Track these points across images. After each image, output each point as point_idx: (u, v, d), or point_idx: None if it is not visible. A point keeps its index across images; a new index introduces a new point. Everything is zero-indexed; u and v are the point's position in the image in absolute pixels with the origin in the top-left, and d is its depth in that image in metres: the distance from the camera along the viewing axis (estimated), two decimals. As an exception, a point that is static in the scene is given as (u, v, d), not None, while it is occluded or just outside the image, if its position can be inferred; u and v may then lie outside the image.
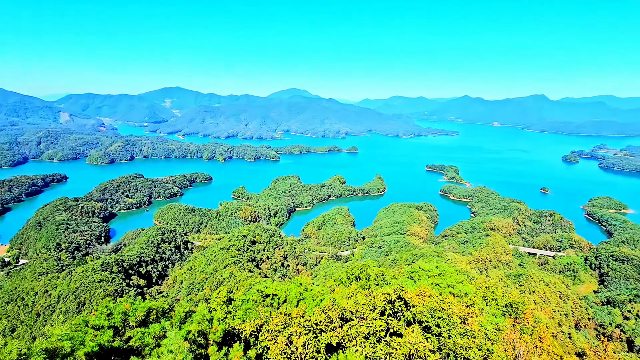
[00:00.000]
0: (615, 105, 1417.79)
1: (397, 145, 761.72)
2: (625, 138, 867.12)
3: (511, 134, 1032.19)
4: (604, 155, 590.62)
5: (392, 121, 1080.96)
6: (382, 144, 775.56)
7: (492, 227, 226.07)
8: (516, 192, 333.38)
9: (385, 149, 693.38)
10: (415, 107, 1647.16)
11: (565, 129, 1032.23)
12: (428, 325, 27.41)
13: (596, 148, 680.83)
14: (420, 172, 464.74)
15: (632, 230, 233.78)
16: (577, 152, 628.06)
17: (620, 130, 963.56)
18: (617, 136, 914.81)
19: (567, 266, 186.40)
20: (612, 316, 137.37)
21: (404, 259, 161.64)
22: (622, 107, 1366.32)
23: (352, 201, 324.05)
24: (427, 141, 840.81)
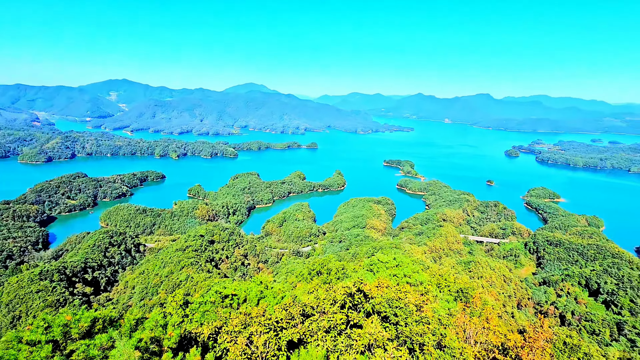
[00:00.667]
0: (549, 104, 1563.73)
1: (355, 141, 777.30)
2: (557, 134, 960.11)
3: (461, 130, 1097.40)
4: (540, 150, 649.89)
5: (350, 117, 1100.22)
6: (341, 139, 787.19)
7: (445, 218, 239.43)
8: (466, 185, 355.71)
9: (345, 144, 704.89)
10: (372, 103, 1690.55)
11: (507, 126, 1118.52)
12: (386, 315, 28.25)
13: (533, 143, 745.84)
14: (378, 167, 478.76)
15: (564, 217, 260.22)
16: (517, 147, 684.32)
17: (553, 127, 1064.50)
18: (551, 132, 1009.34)
19: (510, 252, 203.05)
20: (548, 295, 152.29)
21: (364, 252, 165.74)
22: (554, 106, 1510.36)
23: (313, 197, 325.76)
24: (384, 137, 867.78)
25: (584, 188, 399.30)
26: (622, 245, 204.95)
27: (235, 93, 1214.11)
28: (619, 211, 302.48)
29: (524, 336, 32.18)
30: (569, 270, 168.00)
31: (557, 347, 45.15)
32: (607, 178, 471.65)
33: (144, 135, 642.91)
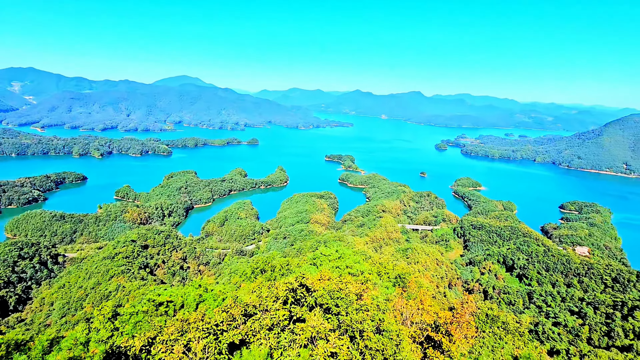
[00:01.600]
0: (471, 102, 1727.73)
1: (297, 136, 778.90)
2: (478, 129, 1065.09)
3: (396, 125, 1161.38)
4: (464, 143, 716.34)
5: (291, 113, 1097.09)
6: (283, 135, 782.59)
7: (384, 209, 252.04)
8: (402, 177, 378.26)
9: (286, 140, 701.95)
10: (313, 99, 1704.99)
11: (437, 122, 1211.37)
12: (328, 306, 28.69)
13: (459, 137, 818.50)
14: (320, 162, 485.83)
15: (484, 203, 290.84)
16: (445, 141, 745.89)
17: (475, 122, 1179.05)
18: (473, 127, 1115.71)
19: (442, 237, 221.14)
20: (473, 273, 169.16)
21: (308, 246, 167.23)
22: (475, 103, 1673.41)
23: (255, 194, 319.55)
24: (325, 132, 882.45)
25: (500, 176, 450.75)
26: (531, 225, 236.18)
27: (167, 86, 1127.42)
28: (527, 195, 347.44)
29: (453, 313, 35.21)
30: (489, 250, 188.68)
31: (480, 319, 50.40)
32: (518, 167, 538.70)
33: (59, 132, 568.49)
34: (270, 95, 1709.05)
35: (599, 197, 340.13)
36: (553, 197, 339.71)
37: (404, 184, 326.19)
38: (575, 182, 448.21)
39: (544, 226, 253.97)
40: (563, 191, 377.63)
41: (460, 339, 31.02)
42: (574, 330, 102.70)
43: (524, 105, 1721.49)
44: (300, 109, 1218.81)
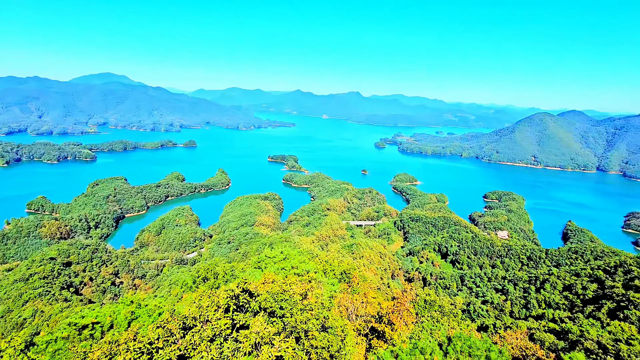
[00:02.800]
0: (405, 102, 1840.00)
1: (238, 137, 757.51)
2: (412, 127, 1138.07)
3: (337, 124, 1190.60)
4: (401, 141, 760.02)
5: (231, 113, 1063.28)
6: (223, 136, 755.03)
7: (329, 207, 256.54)
8: (344, 175, 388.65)
9: (227, 141, 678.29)
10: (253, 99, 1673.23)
11: (375, 121, 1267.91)
12: (273, 310, 27.98)
13: (395, 136, 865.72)
14: (263, 163, 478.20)
15: (420, 197, 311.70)
16: (384, 140, 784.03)
17: (409, 121, 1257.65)
18: (408, 126, 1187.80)
19: (384, 231, 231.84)
20: (413, 263, 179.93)
21: (254, 249, 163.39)
22: (409, 103, 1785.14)
23: (195, 199, 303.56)
24: (267, 132, 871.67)
25: (433, 171, 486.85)
26: (460, 214, 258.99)
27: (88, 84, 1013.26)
28: (457, 188, 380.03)
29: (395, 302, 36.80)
30: (426, 240, 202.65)
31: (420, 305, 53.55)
32: (448, 162, 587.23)
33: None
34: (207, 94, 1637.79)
35: (514, 186, 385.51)
36: (478, 188, 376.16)
37: (347, 181, 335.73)
38: (495, 174, 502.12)
39: (471, 215, 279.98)
40: (486, 182, 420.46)
41: (401, 327, 32.45)
42: (499, 306, 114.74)
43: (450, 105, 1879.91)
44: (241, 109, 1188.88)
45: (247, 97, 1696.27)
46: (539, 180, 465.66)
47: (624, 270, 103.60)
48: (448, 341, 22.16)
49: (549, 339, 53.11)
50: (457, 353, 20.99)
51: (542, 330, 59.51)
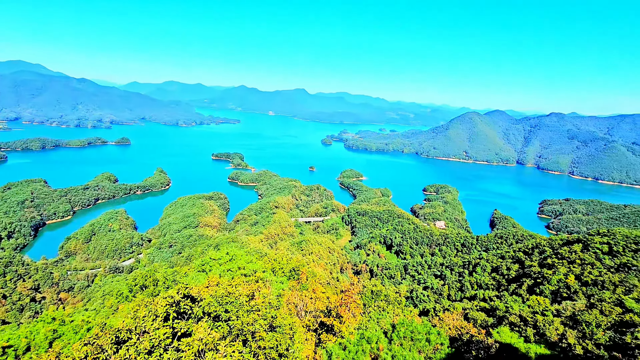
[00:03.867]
0: (350, 100, 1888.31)
1: (178, 134, 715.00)
2: (357, 125, 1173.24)
3: (283, 121, 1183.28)
4: (347, 138, 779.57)
5: (169, 108, 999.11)
6: (161, 133, 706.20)
7: (277, 205, 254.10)
8: (292, 172, 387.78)
9: (165, 139, 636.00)
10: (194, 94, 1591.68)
11: (321, 118, 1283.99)
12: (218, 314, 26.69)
13: (342, 133, 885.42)
14: (206, 162, 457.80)
15: (366, 192, 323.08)
16: (330, 136, 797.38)
17: (354, 119, 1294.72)
18: (353, 123, 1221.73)
19: (332, 226, 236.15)
20: (361, 256, 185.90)
21: (199, 252, 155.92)
22: (354, 101, 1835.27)
23: (131, 201, 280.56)
24: (211, 129, 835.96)
25: (377, 167, 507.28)
26: (403, 207, 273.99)
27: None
28: (399, 182, 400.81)
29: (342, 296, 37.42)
30: (373, 233, 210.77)
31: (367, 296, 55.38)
32: (390, 158, 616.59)
33: None
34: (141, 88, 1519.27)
35: (449, 179, 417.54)
36: (418, 182, 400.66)
37: (294, 179, 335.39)
38: (433, 168, 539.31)
39: (412, 207, 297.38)
40: (425, 176, 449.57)
41: (349, 319, 33.07)
42: (438, 291, 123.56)
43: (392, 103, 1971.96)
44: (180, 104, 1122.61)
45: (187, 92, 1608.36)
46: (470, 173, 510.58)
47: (539, 250, 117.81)
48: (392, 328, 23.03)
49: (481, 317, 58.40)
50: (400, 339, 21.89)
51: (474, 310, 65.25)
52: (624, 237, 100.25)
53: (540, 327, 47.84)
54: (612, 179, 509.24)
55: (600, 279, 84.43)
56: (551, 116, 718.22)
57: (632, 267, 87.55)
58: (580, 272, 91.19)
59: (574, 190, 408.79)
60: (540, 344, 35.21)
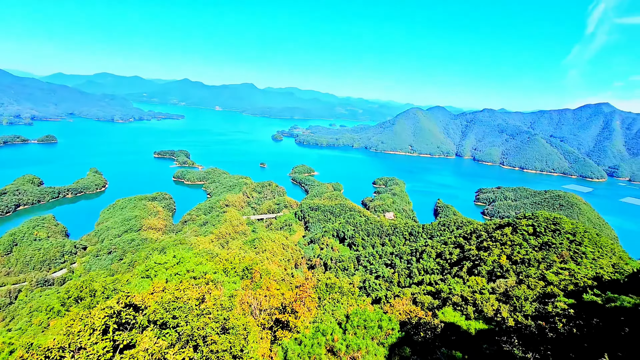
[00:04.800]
0: (300, 95, 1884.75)
1: (114, 131, 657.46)
2: (308, 120, 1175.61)
3: (232, 117, 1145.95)
4: (297, 134, 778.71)
5: (103, 103, 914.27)
6: (93, 130, 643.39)
7: (227, 203, 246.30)
8: (242, 169, 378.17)
9: (99, 136, 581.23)
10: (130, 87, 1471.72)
11: (271, 113, 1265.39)
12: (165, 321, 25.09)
13: (292, 128, 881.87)
14: (148, 160, 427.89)
15: (318, 186, 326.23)
16: (281, 132, 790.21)
17: (304, 114, 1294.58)
18: (303, 119, 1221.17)
19: (285, 222, 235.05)
20: (314, 250, 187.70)
21: (143, 257, 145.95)
22: (303, 97, 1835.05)
23: (60, 205, 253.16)
24: (152, 125, 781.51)
25: (328, 162, 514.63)
26: (354, 200, 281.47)
27: None
28: (350, 176, 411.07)
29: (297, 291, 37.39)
30: (326, 227, 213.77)
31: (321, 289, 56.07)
32: (341, 152, 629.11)
33: None
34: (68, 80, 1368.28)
35: (397, 172, 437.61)
36: (368, 175, 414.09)
37: (245, 176, 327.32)
38: (381, 162, 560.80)
39: (363, 200, 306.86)
40: (374, 170, 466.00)
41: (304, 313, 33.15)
42: (389, 279, 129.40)
43: (341, 99, 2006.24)
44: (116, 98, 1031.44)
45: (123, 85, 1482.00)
46: (415, 166, 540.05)
47: (476, 235, 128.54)
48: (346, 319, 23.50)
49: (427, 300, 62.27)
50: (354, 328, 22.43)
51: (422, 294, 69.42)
52: (545, 219, 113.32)
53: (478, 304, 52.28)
54: (535, 168, 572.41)
55: (527, 257, 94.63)
56: (484, 112, 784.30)
57: (552, 245, 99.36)
58: (510, 252, 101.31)
59: (504, 179, 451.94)
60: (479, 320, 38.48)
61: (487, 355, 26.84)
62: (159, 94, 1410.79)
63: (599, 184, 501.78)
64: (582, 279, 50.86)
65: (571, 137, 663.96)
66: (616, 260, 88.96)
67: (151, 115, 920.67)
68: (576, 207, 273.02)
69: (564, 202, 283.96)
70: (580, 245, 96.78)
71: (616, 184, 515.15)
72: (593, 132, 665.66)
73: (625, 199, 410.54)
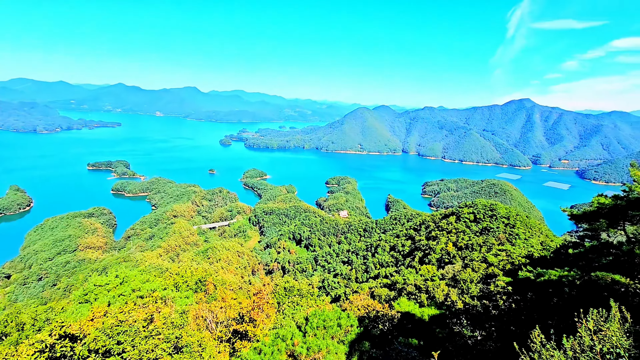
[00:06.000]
0: (247, 98, 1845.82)
1: (38, 143, 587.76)
2: (257, 123, 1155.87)
3: (174, 123, 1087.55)
4: (247, 137, 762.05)
5: (22, 112, 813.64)
6: (11, 143, 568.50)
7: (175, 214, 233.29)
8: (190, 177, 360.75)
9: (19, 149, 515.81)
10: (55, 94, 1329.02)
11: (217, 117, 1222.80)
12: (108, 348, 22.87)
13: (241, 132, 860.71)
14: (81, 173, 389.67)
15: (271, 190, 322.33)
16: (229, 136, 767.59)
17: (253, 117, 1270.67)
18: (252, 122, 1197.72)
19: (239, 229, 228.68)
20: (271, 255, 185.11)
21: (81, 280, 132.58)
22: (251, 99, 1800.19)
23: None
24: (83, 135, 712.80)
25: (280, 164, 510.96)
26: (308, 201, 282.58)
27: None
28: (303, 177, 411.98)
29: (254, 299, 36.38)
30: (281, 230, 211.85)
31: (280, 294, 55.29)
32: (292, 154, 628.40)
33: None
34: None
35: (348, 171, 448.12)
36: (320, 176, 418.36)
37: (193, 184, 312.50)
38: (333, 162, 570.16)
39: (317, 200, 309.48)
40: (326, 170, 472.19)
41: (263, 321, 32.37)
42: (347, 276, 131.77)
43: (289, 101, 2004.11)
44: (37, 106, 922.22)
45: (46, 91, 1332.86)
46: (365, 164, 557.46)
47: (425, 226, 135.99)
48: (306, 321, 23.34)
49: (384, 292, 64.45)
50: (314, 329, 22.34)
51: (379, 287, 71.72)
52: (483, 206, 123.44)
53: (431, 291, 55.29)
54: (472, 160, 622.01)
55: (470, 242, 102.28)
56: (425, 110, 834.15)
57: (490, 229, 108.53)
58: (456, 239, 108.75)
59: (446, 172, 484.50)
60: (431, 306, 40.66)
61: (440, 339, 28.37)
62: (89, 101, 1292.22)
63: (526, 171, 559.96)
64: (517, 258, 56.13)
65: (500, 131, 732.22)
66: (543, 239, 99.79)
67: (82, 123, 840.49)
68: (508, 193, 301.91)
69: (498, 189, 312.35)
70: (514, 228, 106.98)
71: (539, 170, 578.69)
72: (518, 125, 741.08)
73: (547, 183, 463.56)
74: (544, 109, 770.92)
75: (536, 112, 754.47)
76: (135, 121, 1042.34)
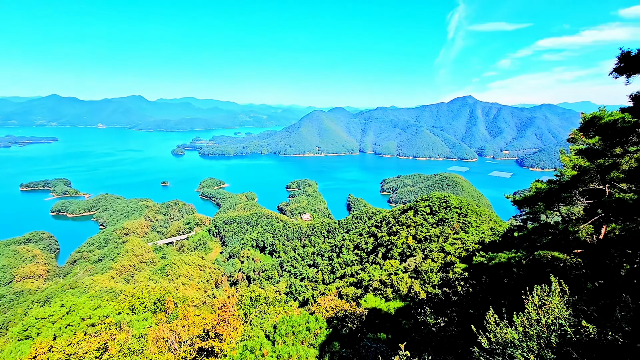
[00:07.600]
0: (198, 105, 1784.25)
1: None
2: (210, 130, 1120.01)
3: (119, 134, 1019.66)
4: (201, 146, 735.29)
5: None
6: None
7: (127, 232, 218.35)
8: (141, 191, 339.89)
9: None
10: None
11: (167, 127, 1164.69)
12: (55, 386, 20.73)
13: (194, 141, 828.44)
14: (12, 196, 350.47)
15: (230, 198, 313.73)
16: (181, 146, 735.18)
17: (205, 124, 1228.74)
18: (205, 130, 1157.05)
19: (198, 241, 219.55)
20: (235, 265, 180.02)
21: (19, 314, 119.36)
22: (202, 106, 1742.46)
23: None
24: (12, 154, 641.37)
25: (238, 172, 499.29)
26: (270, 207, 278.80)
27: None
28: (262, 183, 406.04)
29: (218, 312, 34.97)
30: (244, 239, 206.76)
31: (246, 304, 53.83)
32: (250, 161, 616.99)
33: None
34: None
35: (308, 174, 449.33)
36: (280, 180, 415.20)
37: (145, 198, 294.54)
38: (292, 165, 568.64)
39: (279, 205, 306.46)
40: (286, 174, 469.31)
41: (230, 334, 31.23)
42: (313, 279, 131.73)
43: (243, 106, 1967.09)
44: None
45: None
46: (324, 165, 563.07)
47: (386, 222, 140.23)
48: (274, 329, 22.89)
49: (351, 291, 65.33)
50: (282, 337, 21.98)
51: (345, 286, 72.58)
52: (438, 199, 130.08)
53: (395, 285, 57.02)
54: (425, 155, 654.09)
55: (428, 234, 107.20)
56: (378, 110, 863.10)
57: (445, 220, 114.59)
58: (415, 232, 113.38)
59: (402, 169, 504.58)
60: (397, 299, 41.92)
61: (406, 330, 29.29)
62: (17, 115, 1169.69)
63: (473, 163, 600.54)
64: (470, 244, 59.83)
65: (448, 126, 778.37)
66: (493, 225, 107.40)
67: (10, 141, 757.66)
68: (459, 184, 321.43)
69: (450, 182, 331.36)
70: (466, 217, 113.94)
71: (484, 161, 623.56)
72: (463, 120, 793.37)
73: (492, 173, 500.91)
74: (485, 104, 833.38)
75: (478, 107, 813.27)
76: (75, 135, 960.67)
